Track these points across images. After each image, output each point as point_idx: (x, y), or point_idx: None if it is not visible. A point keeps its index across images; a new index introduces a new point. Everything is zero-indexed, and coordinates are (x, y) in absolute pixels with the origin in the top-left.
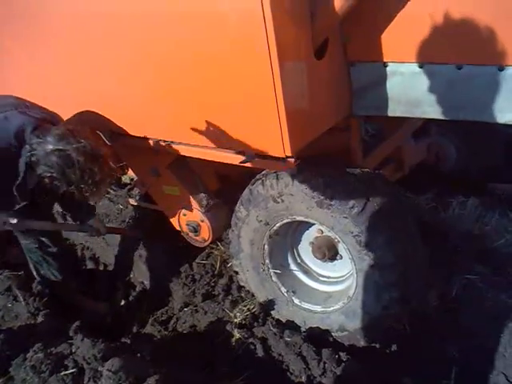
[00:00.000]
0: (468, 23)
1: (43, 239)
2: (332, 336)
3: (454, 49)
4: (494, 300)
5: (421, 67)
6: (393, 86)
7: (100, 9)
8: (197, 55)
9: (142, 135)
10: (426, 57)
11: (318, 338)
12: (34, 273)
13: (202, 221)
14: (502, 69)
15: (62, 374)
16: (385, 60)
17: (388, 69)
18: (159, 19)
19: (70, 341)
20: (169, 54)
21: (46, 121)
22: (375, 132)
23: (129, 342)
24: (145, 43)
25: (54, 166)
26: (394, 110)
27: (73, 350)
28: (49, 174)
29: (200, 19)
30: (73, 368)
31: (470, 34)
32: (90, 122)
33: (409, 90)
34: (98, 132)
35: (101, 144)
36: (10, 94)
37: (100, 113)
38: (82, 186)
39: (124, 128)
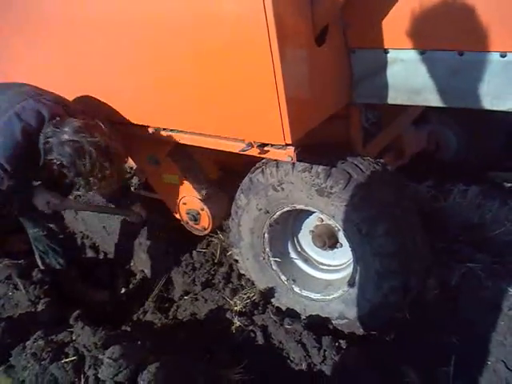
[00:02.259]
0: (470, 9)
1: (51, 226)
2: (332, 324)
3: (456, 35)
4: (494, 288)
5: (422, 54)
6: (394, 73)
7: (104, 5)
8: (196, 42)
9: (141, 123)
10: (428, 43)
11: (318, 325)
12: (39, 262)
13: (202, 209)
14: (504, 55)
15: (63, 361)
16: (386, 47)
17: (389, 56)
18: (158, 5)
19: (70, 329)
20: (168, 41)
21: (59, 104)
22: (376, 120)
23: (129, 329)
24: (144, 31)
25: (66, 155)
26: (395, 98)
27: (73, 338)
28: (59, 162)
29: (199, 6)
30: (73, 356)
31: (472, 20)
32: (87, 110)
33: (410, 77)
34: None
35: (117, 143)
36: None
37: (99, 100)
38: (91, 178)
39: (123, 116)
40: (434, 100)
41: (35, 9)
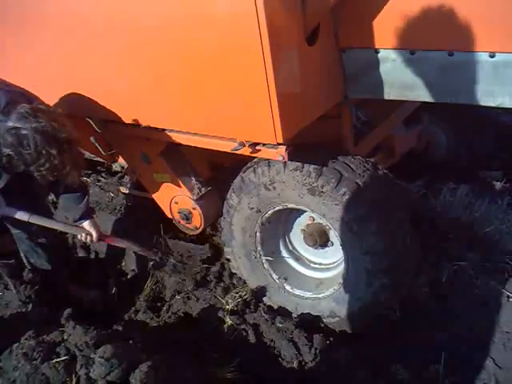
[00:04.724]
0: (459, 10)
1: (32, 229)
2: (323, 322)
3: (446, 36)
4: (483, 286)
5: (412, 54)
6: (385, 71)
7: (99, 6)
8: (188, 42)
9: (133, 122)
10: (418, 43)
11: (310, 323)
12: (25, 261)
13: (194, 208)
14: (492, 55)
15: (54, 361)
16: (376, 46)
17: (380, 55)
18: (151, 5)
19: (61, 328)
20: (161, 41)
21: (23, 97)
22: (367, 119)
23: (121, 329)
24: (138, 31)
25: (10, 144)
26: (388, 94)
27: (65, 338)
28: (6, 153)
29: (191, 6)
30: (65, 355)
31: (462, 21)
32: (78, 108)
33: (401, 75)
34: (87, 119)
35: (68, 128)
36: None
37: (90, 98)
38: (41, 168)
39: (115, 115)
40: (425, 96)
41: (28, 9)
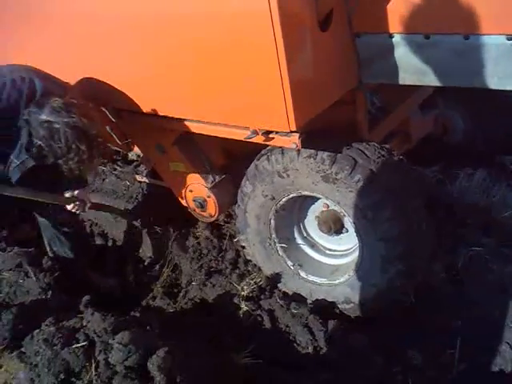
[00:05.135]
0: None
1: (57, 217)
2: (338, 308)
3: (461, 19)
4: (500, 272)
5: (427, 38)
6: (400, 56)
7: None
8: (201, 30)
9: (148, 112)
10: (432, 27)
11: (324, 309)
12: (48, 248)
13: (209, 196)
14: (510, 38)
15: (74, 346)
16: (390, 31)
17: (394, 40)
18: None
19: (80, 315)
20: (175, 31)
21: (57, 86)
22: (382, 104)
23: (138, 315)
24: (154, 22)
25: (41, 137)
26: (404, 78)
27: (84, 324)
28: (38, 144)
29: None
30: (84, 341)
31: (477, 3)
32: (94, 96)
33: (416, 59)
34: (103, 108)
35: (98, 124)
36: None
37: (104, 87)
38: (70, 162)
39: (130, 104)
40: (440, 80)
41: None
